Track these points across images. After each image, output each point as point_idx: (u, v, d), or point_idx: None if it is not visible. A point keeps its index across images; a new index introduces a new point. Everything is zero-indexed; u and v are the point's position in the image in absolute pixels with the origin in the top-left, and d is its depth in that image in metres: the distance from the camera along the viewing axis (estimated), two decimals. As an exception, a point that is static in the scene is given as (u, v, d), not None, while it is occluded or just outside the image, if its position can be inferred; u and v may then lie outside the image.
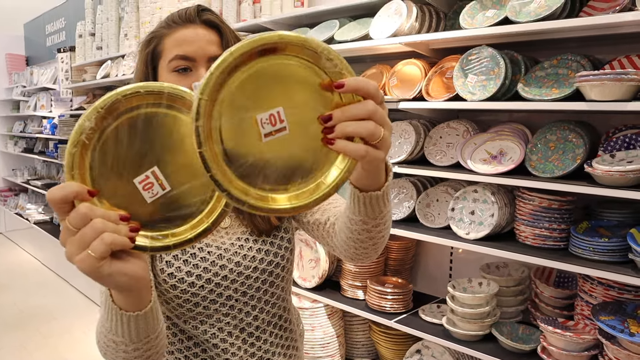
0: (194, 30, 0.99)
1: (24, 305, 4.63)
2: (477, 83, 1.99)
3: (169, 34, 0.99)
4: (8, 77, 7.66)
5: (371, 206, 0.81)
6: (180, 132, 0.64)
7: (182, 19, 1.00)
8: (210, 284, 0.98)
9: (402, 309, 2.38)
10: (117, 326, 0.72)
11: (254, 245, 1.03)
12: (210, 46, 0.98)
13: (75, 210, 0.59)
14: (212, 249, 1.00)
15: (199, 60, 0.97)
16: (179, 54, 0.97)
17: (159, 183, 0.64)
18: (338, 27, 2.46)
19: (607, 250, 1.74)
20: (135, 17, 4.29)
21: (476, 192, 2.09)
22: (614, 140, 1.85)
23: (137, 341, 0.75)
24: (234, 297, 1.01)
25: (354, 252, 0.94)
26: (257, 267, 1.02)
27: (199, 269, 0.98)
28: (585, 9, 1.84)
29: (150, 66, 1.01)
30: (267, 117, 0.61)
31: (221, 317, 1.01)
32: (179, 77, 0.97)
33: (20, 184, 7.15)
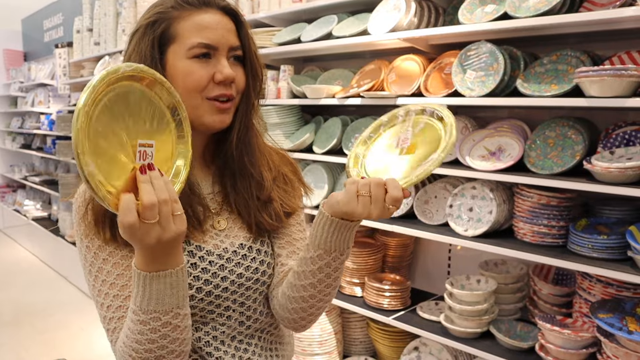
0: (214, 15, 0.92)
1: (21, 302, 4.62)
2: (475, 79, 1.98)
3: (183, 16, 0.91)
4: (6, 72, 7.62)
5: (340, 235, 0.87)
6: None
7: (193, 2, 0.92)
8: (210, 296, 0.95)
9: (400, 306, 2.37)
10: (151, 294, 0.76)
11: (257, 255, 1.00)
12: (230, 35, 0.93)
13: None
14: (213, 259, 0.96)
15: (221, 49, 0.91)
16: (203, 42, 0.90)
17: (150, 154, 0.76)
18: (336, 23, 2.45)
19: (605, 247, 1.73)
20: (133, 12, 4.27)
21: (475, 188, 2.08)
22: (613, 137, 1.84)
23: (169, 310, 0.78)
24: (232, 307, 0.98)
25: (292, 308, 0.96)
26: (258, 278, 1.00)
27: (199, 281, 0.94)
28: (585, 4, 1.82)
29: (157, 51, 0.91)
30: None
31: (217, 325, 0.98)
32: (199, 65, 0.90)
33: (18, 180, 7.13)
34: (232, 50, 0.93)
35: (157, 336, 0.79)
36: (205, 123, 0.93)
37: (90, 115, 0.66)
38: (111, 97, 0.70)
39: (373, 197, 0.81)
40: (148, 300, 0.77)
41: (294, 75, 2.74)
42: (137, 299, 0.78)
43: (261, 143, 1.05)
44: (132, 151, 0.72)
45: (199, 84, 0.91)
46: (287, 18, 2.79)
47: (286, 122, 2.71)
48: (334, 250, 0.88)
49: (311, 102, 2.53)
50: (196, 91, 0.91)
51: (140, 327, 0.79)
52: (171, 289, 0.77)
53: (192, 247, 0.95)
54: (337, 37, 2.38)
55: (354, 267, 2.51)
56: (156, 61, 0.91)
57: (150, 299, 0.77)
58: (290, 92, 2.70)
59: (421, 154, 0.87)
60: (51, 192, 5.86)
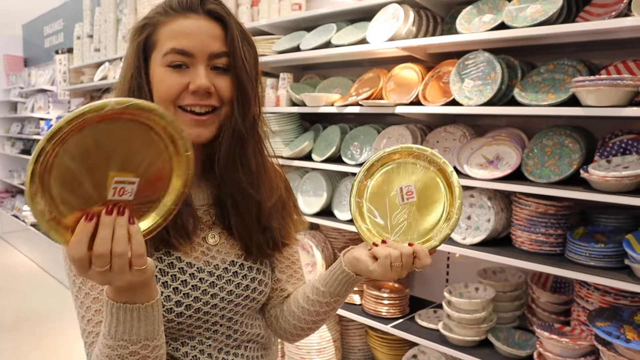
0: (196, 21, 0.87)
1: (20, 307, 4.61)
2: (473, 88, 1.99)
3: (166, 22, 0.88)
4: (6, 78, 7.64)
5: (349, 286, 0.95)
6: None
7: (182, 7, 0.88)
8: (198, 313, 0.93)
9: (398, 314, 2.38)
10: (118, 322, 0.73)
11: (249, 272, 0.98)
12: (212, 41, 0.87)
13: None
14: (204, 276, 0.93)
15: (198, 57, 0.87)
16: (176, 47, 0.86)
17: (129, 192, 0.68)
18: (335, 31, 2.46)
19: (603, 255, 1.74)
20: (134, 19, 4.28)
21: (473, 197, 2.09)
22: (610, 145, 1.85)
23: (137, 341, 0.74)
24: (219, 322, 0.96)
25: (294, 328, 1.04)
26: (248, 295, 0.98)
27: (189, 298, 0.91)
28: (582, 14, 1.84)
29: (141, 57, 0.89)
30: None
31: (203, 339, 0.96)
32: (172, 73, 0.87)
33: (17, 185, 7.14)
34: (213, 57, 0.88)
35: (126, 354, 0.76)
36: None
37: (56, 152, 0.62)
38: (88, 132, 0.64)
39: (405, 266, 0.85)
40: (115, 327, 0.74)
41: (293, 83, 2.75)
42: (106, 323, 0.75)
43: (267, 162, 1.01)
44: (107, 184, 0.66)
45: (169, 93, 0.87)
46: (287, 26, 2.81)
47: (285, 130, 2.72)
48: (346, 294, 0.98)
49: (310, 110, 2.54)
50: (168, 100, 0.87)
51: (109, 351, 0.76)
52: (139, 322, 0.74)
53: (183, 264, 0.92)
54: (336, 46, 2.39)
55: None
56: (140, 69, 0.89)
57: (118, 327, 0.73)
58: (289, 100, 2.71)
59: (429, 208, 0.90)
60: (50, 197, 5.85)
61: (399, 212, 0.91)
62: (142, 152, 0.68)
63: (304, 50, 2.52)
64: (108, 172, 0.65)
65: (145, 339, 0.75)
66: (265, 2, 2.96)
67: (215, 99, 0.89)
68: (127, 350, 0.74)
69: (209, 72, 0.88)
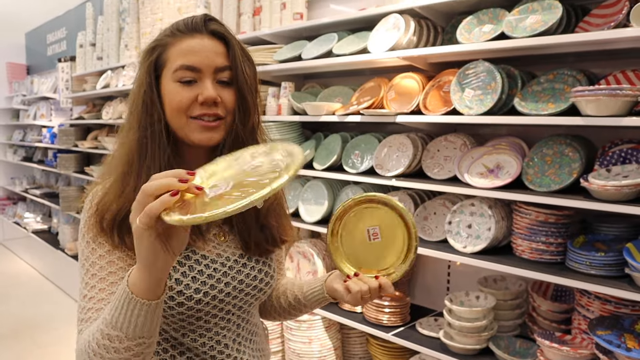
0: (201, 40, 0.98)
1: (21, 315, 4.61)
2: (474, 97, 2.00)
3: (174, 42, 0.98)
4: (8, 85, 7.68)
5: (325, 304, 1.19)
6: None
7: (188, 28, 0.99)
8: (214, 300, 1.02)
9: (399, 322, 2.38)
10: (125, 316, 0.79)
11: (255, 264, 1.09)
12: (216, 57, 0.98)
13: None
14: (217, 266, 1.03)
15: (205, 71, 0.97)
16: (185, 64, 0.96)
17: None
18: (337, 41, 2.48)
19: (603, 264, 1.74)
20: (136, 27, 4.32)
21: (473, 205, 2.10)
22: (610, 154, 1.86)
23: (133, 338, 0.80)
24: (232, 311, 1.07)
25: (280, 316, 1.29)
26: (256, 285, 1.08)
27: (206, 286, 1.01)
28: (581, 25, 1.86)
29: (153, 75, 0.99)
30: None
31: (219, 330, 1.05)
32: (183, 88, 0.97)
33: (19, 192, 7.15)
34: (218, 71, 0.98)
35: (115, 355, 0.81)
36: (194, 140, 0.99)
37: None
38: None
39: (372, 296, 1.04)
40: (123, 319, 0.79)
41: (294, 92, 2.77)
42: (114, 313, 0.80)
43: None
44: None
45: (181, 105, 0.97)
46: (288, 35, 2.83)
47: (287, 139, 2.73)
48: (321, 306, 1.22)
49: (311, 118, 2.56)
50: (180, 111, 0.98)
51: (105, 341, 0.81)
52: (145, 318, 0.80)
53: (198, 256, 1.02)
54: (337, 55, 2.41)
55: (354, 283, 2.51)
56: (152, 85, 0.99)
57: (125, 319, 0.79)
58: (290, 108, 2.73)
59: (391, 246, 1.08)
60: (51, 204, 5.88)
61: (367, 248, 1.09)
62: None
63: (306, 59, 2.54)
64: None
65: (143, 336, 0.81)
66: (267, 12, 2.98)
67: (221, 109, 0.99)
68: (123, 345, 0.80)
69: (215, 85, 0.99)
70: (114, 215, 0.94)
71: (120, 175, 0.98)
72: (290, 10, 2.89)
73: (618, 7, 1.75)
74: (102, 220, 0.95)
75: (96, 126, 5.13)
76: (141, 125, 0.99)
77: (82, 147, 4.97)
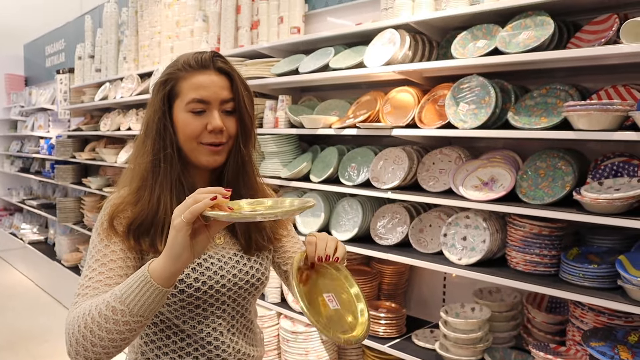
0: (209, 76, 1.15)
1: (16, 326, 4.59)
2: (468, 111, 2.03)
3: (186, 77, 1.14)
4: (7, 97, 7.70)
5: None
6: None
7: (198, 65, 1.15)
8: (211, 290, 1.16)
9: (395, 334, 2.39)
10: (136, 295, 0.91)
11: (247, 262, 1.23)
12: (222, 91, 1.15)
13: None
14: (214, 261, 1.18)
15: (213, 103, 1.14)
16: (197, 97, 1.13)
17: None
18: (333, 55, 2.51)
19: (596, 276, 1.76)
20: (135, 40, 4.35)
21: (468, 218, 2.12)
22: (602, 168, 1.89)
23: (136, 315, 0.92)
24: (227, 302, 1.20)
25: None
26: (248, 280, 1.22)
27: (204, 276, 1.16)
28: (573, 41, 1.89)
29: (167, 105, 1.15)
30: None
31: (215, 318, 1.19)
32: (194, 117, 1.13)
33: (15, 203, 7.14)
34: (223, 102, 1.15)
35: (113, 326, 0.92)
36: (203, 162, 1.17)
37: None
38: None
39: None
40: (133, 297, 0.91)
41: (291, 105, 2.80)
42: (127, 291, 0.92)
43: (258, 178, 1.30)
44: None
45: (194, 132, 1.14)
46: (286, 49, 2.86)
47: (284, 151, 2.75)
48: None
49: (308, 131, 2.58)
50: (192, 138, 1.15)
51: (107, 312, 0.92)
52: (152, 302, 0.92)
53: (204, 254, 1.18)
54: (334, 69, 2.44)
55: (350, 294, 2.52)
56: (165, 113, 1.15)
57: (135, 297, 0.91)
58: (287, 121, 2.75)
59: (346, 305, 1.11)
60: (48, 216, 5.88)
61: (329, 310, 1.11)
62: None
63: (303, 73, 2.57)
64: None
65: (143, 316, 0.93)
66: (265, 26, 3.02)
67: (225, 136, 1.17)
68: (124, 319, 0.92)
69: (221, 115, 1.15)
70: (130, 221, 1.11)
71: (135, 189, 1.15)
72: (288, 24, 2.93)
73: (608, 23, 1.79)
74: (114, 221, 1.11)
75: (94, 137, 5.15)
76: (155, 147, 1.15)
77: (79, 158, 4.98)
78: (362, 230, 2.48)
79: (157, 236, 1.11)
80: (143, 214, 1.11)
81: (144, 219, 1.11)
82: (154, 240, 1.11)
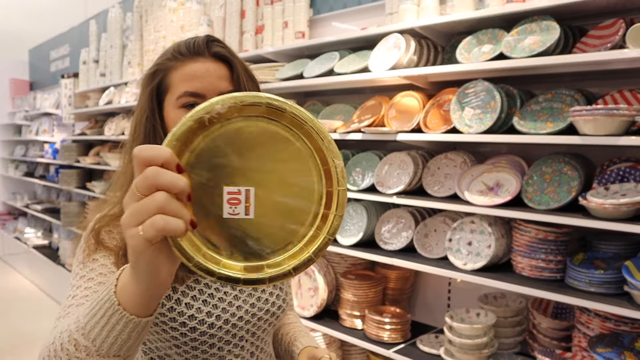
0: (204, 64, 0.94)
1: (20, 330, 4.60)
2: (473, 116, 2.03)
3: (176, 67, 0.95)
4: (11, 101, 7.73)
5: None
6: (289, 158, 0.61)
7: (190, 51, 0.95)
8: (227, 325, 0.99)
9: (400, 339, 2.38)
10: (103, 328, 0.63)
11: (266, 288, 1.06)
12: (220, 81, 0.94)
13: (144, 173, 0.53)
14: (227, 290, 1.01)
15: (209, 96, 0.92)
16: (188, 90, 0.93)
17: (245, 205, 0.58)
18: (338, 59, 2.52)
19: (603, 282, 1.75)
20: (139, 45, 4.37)
21: (473, 223, 2.12)
22: (608, 173, 1.88)
23: (106, 355, 0.64)
24: (245, 337, 1.02)
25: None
26: (268, 309, 1.05)
27: (217, 309, 0.98)
28: (579, 45, 1.89)
29: (155, 101, 0.96)
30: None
31: (232, 357, 1.01)
32: (186, 113, 0.90)
33: (20, 207, 7.16)
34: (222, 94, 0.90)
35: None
36: None
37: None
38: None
39: None
40: (99, 329, 0.64)
41: (296, 109, 2.79)
42: (91, 320, 0.65)
43: None
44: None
45: None
46: (290, 54, 2.87)
47: (288, 155, 2.75)
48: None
49: (313, 135, 2.58)
50: None
51: (71, 348, 0.66)
52: (127, 338, 0.64)
53: (206, 280, 1.00)
54: (339, 74, 2.45)
55: (355, 300, 2.52)
56: (154, 112, 0.96)
57: (101, 329, 0.64)
58: (292, 125, 2.75)
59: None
60: (52, 220, 5.89)
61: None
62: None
63: (307, 77, 2.58)
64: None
65: (119, 355, 0.65)
66: (269, 30, 3.03)
67: None
68: (91, 359, 0.65)
69: None
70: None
71: (122, 198, 0.90)
72: (293, 29, 2.93)
73: (614, 28, 1.79)
74: (100, 235, 0.92)
75: (98, 142, 5.16)
76: None
77: (84, 162, 4.99)
78: (367, 235, 2.48)
79: None
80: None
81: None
82: None
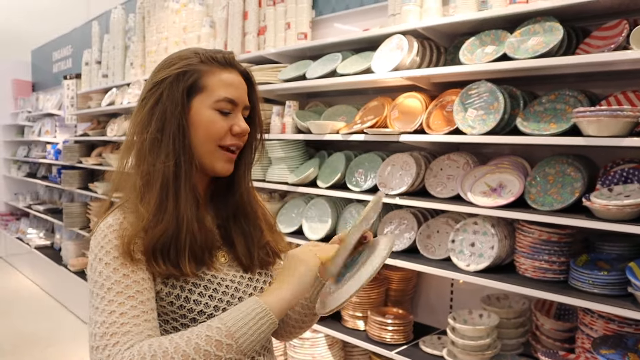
0: (237, 76, 1.06)
1: (22, 331, 4.60)
2: (476, 117, 2.03)
3: (213, 71, 1.03)
4: (14, 102, 7.75)
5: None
6: None
7: (226, 61, 1.05)
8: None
9: (402, 340, 2.38)
10: (250, 328, 0.89)
11: (259, 277, 1.13)
12: (245, 95, 1.08)
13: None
14: (228, 283, 1.06)
15: (240, 106, 1.06)
16: (228, 97, 1.03)
17: None
18: (341, 60, 2.52)
19: (606, 283, 1.75)
20: (142, 46, 4.38)
21: (476, 224, 2.11)
22: (611, 174, 1.88)
23: (244, 351, 0.89)
24: None
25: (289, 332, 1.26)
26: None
27: (223, 302, 1.04)
28: (582, 46, 1.89)
29: (186, 99, 1.01)
30: None
31: None
32: (221, 117, 1.03)
33: (22, 208, 7.17)
34: (246, 108, 1.09)
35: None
36: (216, 169, 1.06)
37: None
38: None
39: None
40: (246, 332, 0.88)
41: (298, 111, 2.80)
42: (239, 323, 0.89)
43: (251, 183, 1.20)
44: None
45: (219, 133, 1.04)
46: (292, 55, 2.87)
47: (291, 157, 2.76)
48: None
49: (315, 137, 2.58)
50: (214, 139, 1.04)
51: (212, 349, 0.86)
52: (262, 339, 0.91)
53: (209, 275, 1.04)
54: (341, 75, 2.44)
55: (357, 301, 2.52)
56: (185, 107, 1.01)
57: (247, 331, 0.88)
58: (295, 127, 2.75)
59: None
60: (55, 220, 5.89)
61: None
62: None
63: (310, 78, 2.58)
64: None
65: (253, 350, 0.90)
66: (272, 31, 3.03)
67: (244, 140, 1.10)
68: (229, 355, 0.87)
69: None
70: (152, 244, 0.95)
71: (156, 205, 0.97)
72: (295, 30, 2.94)
73: (618, 29, 1.79)
74: (130, 245, 0.94)
75: (100, 143, 5.17)
76: (176, 149, 0.99)
77: (86, 163, 5.00)
78: (369, 236, 2.47)
79: (180, 257, 0.97)
80: (168, 234, 0.95)
81: (168, 240, 0.96)
82: (178, 262, 0.97)
